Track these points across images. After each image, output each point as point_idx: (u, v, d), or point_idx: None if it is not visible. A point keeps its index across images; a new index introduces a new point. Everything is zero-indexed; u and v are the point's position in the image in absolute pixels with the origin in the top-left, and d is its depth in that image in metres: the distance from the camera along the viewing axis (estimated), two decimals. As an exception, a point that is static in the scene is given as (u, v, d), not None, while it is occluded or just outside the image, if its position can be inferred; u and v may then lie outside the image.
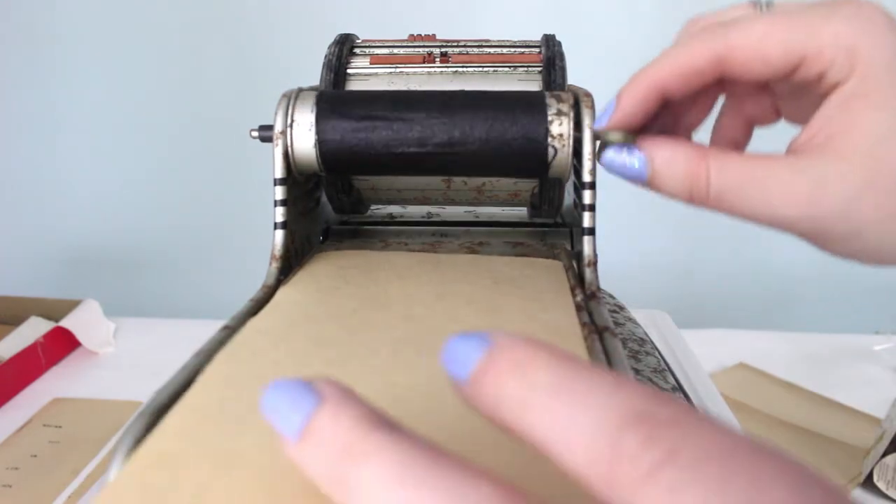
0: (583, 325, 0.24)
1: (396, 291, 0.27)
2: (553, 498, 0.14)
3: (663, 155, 0.24)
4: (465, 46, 0.36)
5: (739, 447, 0.11)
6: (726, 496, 0.10)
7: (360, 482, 0.12)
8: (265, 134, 0.31)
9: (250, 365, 0.21)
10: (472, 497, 0.11)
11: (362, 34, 0.39)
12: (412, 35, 0.37)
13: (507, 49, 0.35)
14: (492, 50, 0.35)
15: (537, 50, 0.35)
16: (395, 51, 0.36)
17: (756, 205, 0.23)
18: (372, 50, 0.36)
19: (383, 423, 0.12)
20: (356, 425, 0.12)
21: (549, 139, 0.29)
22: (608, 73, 0.38)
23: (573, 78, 0.37)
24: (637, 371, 0.34)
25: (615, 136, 0.25)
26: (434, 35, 0.37)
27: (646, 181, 0.25)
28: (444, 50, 0.35)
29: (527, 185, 0.35)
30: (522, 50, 0.35)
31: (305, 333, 0.23)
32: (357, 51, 0.36)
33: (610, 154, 0.26)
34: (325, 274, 0.30)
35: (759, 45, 0.23)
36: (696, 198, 0.25)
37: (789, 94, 0.28)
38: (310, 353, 0.22)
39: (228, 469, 0.16)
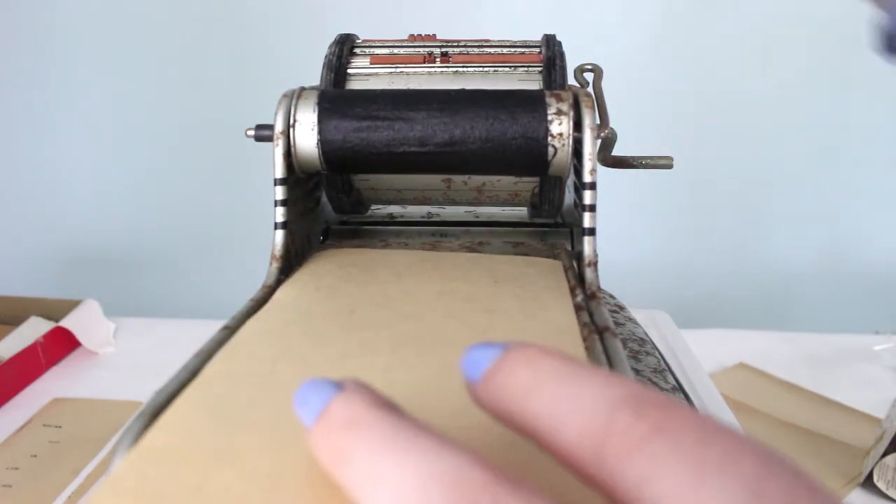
0: (583, 325, 0.24)
1: (396, 290, 0.27)
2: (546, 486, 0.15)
3: None
4: (465, 46, 0.36)
5: (716, 428, 0.12)
6: (702, 465, 0.12)
7: (353, 451, 0.13)
8: (261, 133, 0.31)
9: (248, 364, 0.21)
10: (446, 461, 0.12)
11: (362, 34, 0.39)
12: (412, 35, 0.37)
13: (508, 49, 0.35)
14: (492, 50, 0.35)
15: (537, 50, 0.35)
16: (396, 51, 0.36)
17: None
18: (372, 50, 0.36)
19: (388, 405, 0.14)
20: (363, 406, 0.14)
21: (549, 138, 0.29)
22: (608, 73, 0.38)
23: (573, 78, 0.37)
24: (637, 371, 0.34)
25: None
26: (434, 35, 0.37)
27: None
28: (444, 50, 0.35)
29: (527, 186, 0.35)
30: (522, 50, 0.35)
31: (304, 332, 0.23)
32: (357, 51, 0.36)
33: None
34: (325, 272, 0.30)
35: None
36: None
37: None
38: (307, 352, 0.22)
39: (226, 466, 0.16)
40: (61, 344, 0.73)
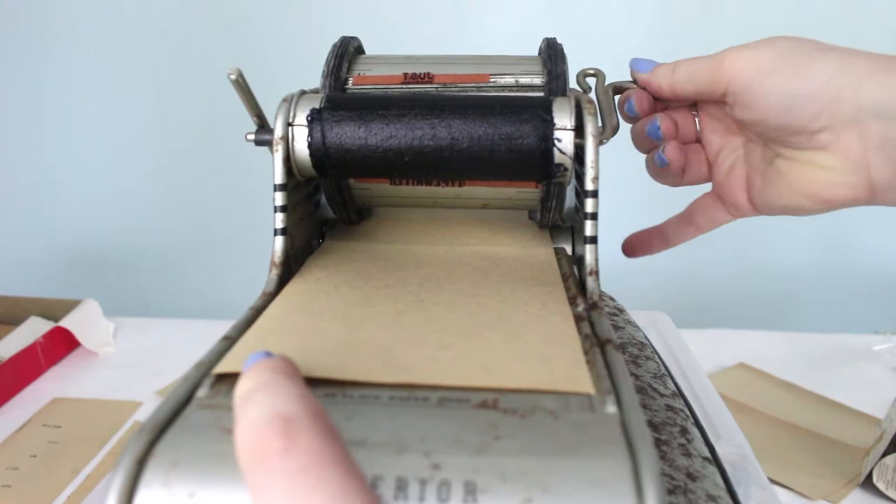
0: (584, 336, 0.24)
1: (416, 244, 0.35)
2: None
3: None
4: (462, 84, 0.35)
5: None
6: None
7: None
8: (261, 138, 0.31)
9: (317, 285, 0.29)
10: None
11: (362, 36, 0.38)
12: (406, 74, 0.36)
13: (510, 91, 0.34)
14: (492, 91, 0.34)
15: (539, 80, 0.34)
16: (390, 92, 0.34)
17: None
18: (366, 77, 0.35)
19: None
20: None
21: (551, 143, 0.29)
22: (610, 75, 0.38)
23: (575, 83, 0.37)
24: (637, 377, 0.34)
25: None
26: (429, 73, 0.36)
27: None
28: (440, 90, 0.35)
29: (532, 195, 0.35)
30: (526, 81, 0.34)
31: (353, 269, 0.31)
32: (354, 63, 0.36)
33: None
34: (355, 232, 0.37)
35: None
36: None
37: None
38: (359, 282, 0.30)
39: (319, 337, 0.24)
40: (61, 344, 0.73)
